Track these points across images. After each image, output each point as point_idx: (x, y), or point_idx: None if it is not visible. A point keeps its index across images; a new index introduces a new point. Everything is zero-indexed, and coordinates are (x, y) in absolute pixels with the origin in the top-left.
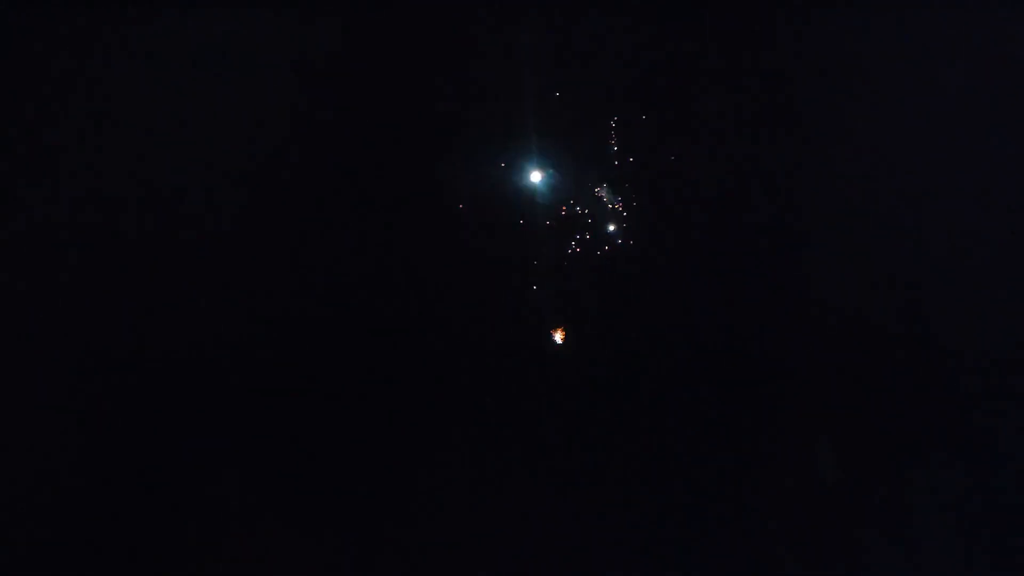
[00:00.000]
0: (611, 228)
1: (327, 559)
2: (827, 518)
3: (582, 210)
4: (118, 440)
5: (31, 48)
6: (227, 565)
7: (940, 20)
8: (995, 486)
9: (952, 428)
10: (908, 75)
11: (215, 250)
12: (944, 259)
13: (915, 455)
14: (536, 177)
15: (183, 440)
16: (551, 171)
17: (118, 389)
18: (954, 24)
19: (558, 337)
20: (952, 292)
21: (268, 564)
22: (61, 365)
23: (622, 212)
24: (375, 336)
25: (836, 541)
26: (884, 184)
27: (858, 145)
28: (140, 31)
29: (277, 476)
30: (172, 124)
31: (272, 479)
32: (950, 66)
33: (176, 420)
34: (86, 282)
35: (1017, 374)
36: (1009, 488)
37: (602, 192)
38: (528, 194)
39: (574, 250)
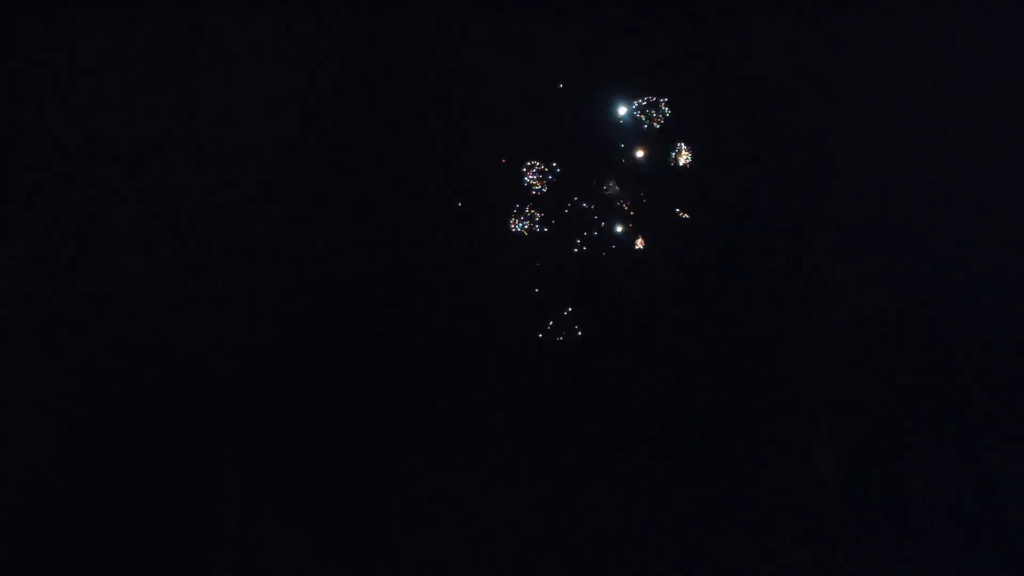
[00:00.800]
0: (618, 228)
1: (327, 559)
2: (827, 517)
3: (588, 206)
4: (119, 440)
5: (32, 49)
6: (226, 565)
7: (940, 20)
8: (995, 485)
9: (952, 427)
10: (910, 76)
11: (214, 250)
12: (945, 259)
13: (916, 455)
14: (540, 175)
15: (183, 440)
16: (556, 169)
17: (117, 389)
18: (954, 24)
19: (560, 337)
20: (952, 291)
21: (268, 564)
22: (63, 366)
23: (629, 211)
24: (376, 336)
25: (837, 540)
26: (889, 184)
27: (861, 145)
28: (141, 32)
29: (277, 476)
30: (171, 124)
31: (272, 479)
32: (950, 66)
33: (175, 420)
34: (84, 282)
35: (1018, 372)
36: (1009, 487)
37: (609, 190)
38: (532, 192)
39: (580, 248)
